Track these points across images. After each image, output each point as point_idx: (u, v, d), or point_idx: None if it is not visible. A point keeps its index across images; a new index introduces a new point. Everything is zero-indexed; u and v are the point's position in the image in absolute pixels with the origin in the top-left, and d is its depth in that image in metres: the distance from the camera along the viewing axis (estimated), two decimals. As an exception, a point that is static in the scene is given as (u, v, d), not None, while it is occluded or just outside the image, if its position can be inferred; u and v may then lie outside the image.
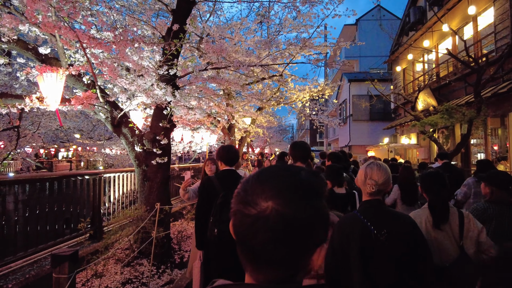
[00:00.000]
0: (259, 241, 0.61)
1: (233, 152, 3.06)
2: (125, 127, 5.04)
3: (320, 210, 0.64)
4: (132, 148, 4.99)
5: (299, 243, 0.61)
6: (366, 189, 1.89)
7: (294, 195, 0.62)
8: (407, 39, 13.74)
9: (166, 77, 4.74)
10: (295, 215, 0.60)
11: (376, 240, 1.75)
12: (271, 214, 0.60)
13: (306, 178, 0.66)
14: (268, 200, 0.61)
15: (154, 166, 4.92)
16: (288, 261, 0.62)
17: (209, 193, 2.85)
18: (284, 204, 0.60)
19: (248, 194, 0.65)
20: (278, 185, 0.63)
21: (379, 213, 1.86)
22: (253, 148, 26.69)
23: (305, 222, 0.61)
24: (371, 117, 20.87)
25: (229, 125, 11.29)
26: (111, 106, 4.91)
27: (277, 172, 0.67)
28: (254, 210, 0.61)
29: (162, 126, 4.90)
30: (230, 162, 3.02)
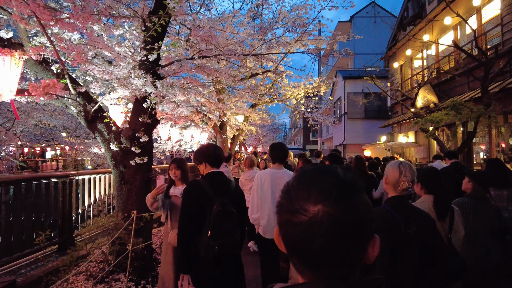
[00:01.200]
0: (317, 246, 0.62)
1: (219, 151, 2.55)
2: (100, 122, 4.44)
3: (365, 204, 0.65)
4: (108, 147, 4.39)
5: (355, 240, 0.62)
6: (401, 186, 2.04)
7: (340, 195, 0.63)
8: (405, 34, 13.30)
9: (146, 64, 4.15)
10: (346, 214, 0.61)
11: (405, 233, 1.89)
12: (323, 217, 0.61)
13: (345, 176, 0.67)
14: (317, 204, 0.62)
15: (133, 167, 4.32)
16: (348, 258, 0.63)
17: (199, 200, 2.34)
18: (334, 205, 0.61)
19: (293, 202, 0.65)
20: (323, 187, 0.64)
21: (406, 207, 2.01)
22: (246, 147, 26.13)
23: (356, 219, 0.62)
24: (366, 115, 20.45)
25: (221, 122, 10.74)
26: (84, 99, 4.30)
27: (317, 175, 0.68)
28: (305, 216, 0.62)
29: (142, 122, 4.30)
30: (217, 163, 2.51)
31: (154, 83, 3.99)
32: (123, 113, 4.81)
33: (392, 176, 2.09)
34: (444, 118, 6.98)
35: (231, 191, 2.49)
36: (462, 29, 9.96)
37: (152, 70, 4.05)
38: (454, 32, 10.29)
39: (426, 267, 1.92)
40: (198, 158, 2.52)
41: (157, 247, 5.04)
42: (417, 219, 1.96)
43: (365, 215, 0.64)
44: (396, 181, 2.07)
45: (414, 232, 1.91)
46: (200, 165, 2.53)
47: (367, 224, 0.64)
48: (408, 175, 2.06)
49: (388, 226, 1.93)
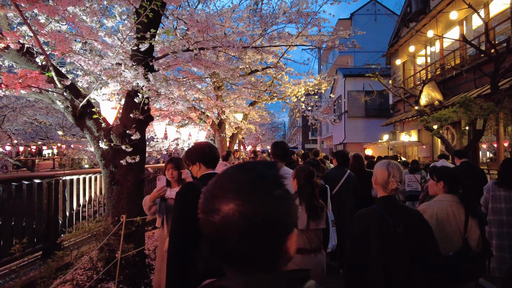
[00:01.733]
0: (232, 244, 0.62)
1: (214, 150, 2.24)
2: (89, 119, 4.12)
3: (281, 200, 0.65)
4: (98, 145, 4.07)
5: (269, 237, 0.63)
6: (390, 186, 2.09)
7: (251, 192, 0.63)
8: (408, 30, 12.99)
9: (138, 56, 3.83)
10: (256, 211, 0.61)
11: (394, 232, 1.97)
12: (234, 216, 0.61)
13: (261, 172, 0.67)
14: (229, 204, 0.62)
15: (124, 167, 4.01)
16: (264, 255, 0.63)
17: (196, 205, 1.94)
18: (244, 204, 0.61)
19: (209, 202, 0.65)
20: (235, 186, 0.64)
21: (395, 207, 2.07)
22: (245, 146, 25.82)
23: (268, 216, 0.62)
24: (367, 113, 20.16)
25: (219, 120, 10.44)
26: (71, 93, 3.98)
27: (234, 173, 0.68)
28: (218, 216, 0.62)
29: (133, 118, 3.99)
30: (212, 163, 2.20)
31: (146, 76, 3.67)
32: (114, 109, 4.49)
33: (381, 177, 2.14)
34: (452, 116, 6.68)
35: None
36: (468, 25, 9.66)
37: (144, 62, 3.74)
38: (460, 28, 9.99)
39: (417, 263, 1.98)
40: (191, 158, 2.19)
41: (150, 252, 4.73)
42: (405, 217, 2.05)
43: (280, 210, 0.64)
44: (385, 181, 2.13)
45: (403, 231, 1.99)
46: (193, 166, 2.20)
47: (282, 220, 0.64)
48: (396, 175, 2.11)
49: (378, 225, 2.02)
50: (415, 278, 1.96)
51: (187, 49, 4.38)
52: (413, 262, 1.97)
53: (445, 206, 2.42)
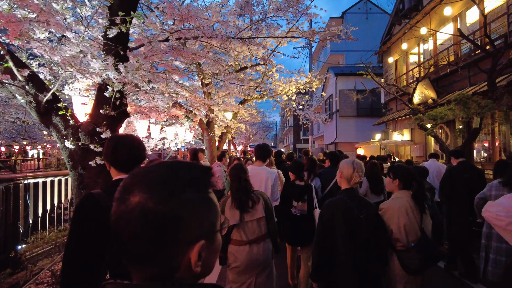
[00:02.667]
0: (124, 237, 0.60)
1: (129, 148, 1.79)
2: (55, 115, 3.69)
3: (190, 204, 0.62)
4: (65, 144, 3.65)
5: (164, 239, 0.59)
6: (353, 180, 2.50)
7: (161, 189, 0.60)
8: (400, 28, 12.76)
9: (109, 45, 3.42)
10: (156, 209, 0.59)
11: (357, 218, 2.34)
12: (134, 208, 0.59)
13: (182, 172, 0.64)
14: (136, 195, 0.60)
15: (94, 168, 3.59)
16: (157, 258, 0.60)
17: (93, 225, 1.55)
18: (148, 198, 0.59)
19: (124, 190, 0.63)
20: (148, 179, 0.62)
21: (357, 198, 2.47)
22: (235, 145, 25.42)
23: (168, 217, 0.59)
24: (359, 112, 19.95)
25: (208, 119, 10.05)
26: (34, 87, 3.55)
27: (156, 168, 0.65)
28: (125, 206, 0.60)
29: (104, 114, 3.58)
30: (126, 166, 1.77)
31: (116, 67, 3.27)
32: (85, 105, 4.06)
33: (346, 172, 2.53)
34: (448, 114, 6.40)
35: None
36: (462, 21, 9.44)
37: (114, 51, 3.33)
38: (454, 24, 9.76)
39: (373, 243, 2.36)
40: (108, 157, 1.77)
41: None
42: (366, 207, 2.43)
43: (185, 215, 0.61)
44: (350, 176, 2.51)
45: (365, 217, 2.36)
46: (112, 169, 1.78)
47: (185, 225, 0.61)
48: (359, 171, 2.51)
49: (345, 212, 2.37)
50: (369, 255, 2.34)
51: (166, 39, 4.00)
52: (369, 244, 2.35)
53: (403, 202, 2.63)
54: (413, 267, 2.48)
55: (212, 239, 0.66)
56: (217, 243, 0.69)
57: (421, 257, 2.48)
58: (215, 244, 0.68)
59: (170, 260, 0.61)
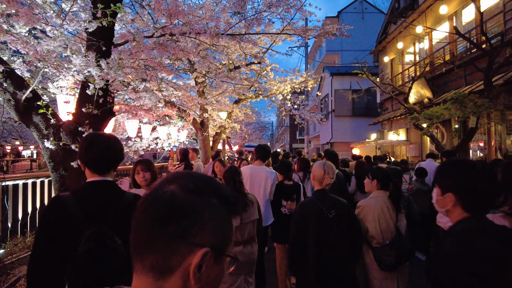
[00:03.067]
0: (145, 215, 0.64)
1: (106, 146, 1.65)
2: (36, 114, 3.52)
3: (213, 209, 0.65)
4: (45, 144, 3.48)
5: (177, 227, 0.61)
6: (325, 181, 2.66)
7: (195, 185, 0.65)
8: (396, 27, 12.68)
9: (92, 41, 3.26)
10: (184, 197, 0.63)
11: (326, 217, 2.51)
12: (166, 192, 0.64)
13: (218, 187, 0.69)
14: (172, 185, 0.65)
15: (76, 170, 3.42)
16: (161, 247, 0.61)
17: (59, 230, 1.46)
18: (181, 189, 0.64)
19: (163, 182, 0.68)
20: (188, 178, 0.67)
21: (328, 198, 2.62)
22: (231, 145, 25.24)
23: (190, 207, 0.62)
24: (354, 112, 19.87)
25: (202, 119, 9.88)
26: (13, 84, 3.38)
27: (195, 173, 0.70)
28: (158, 190, 0.65)
29: (87, 113, 3.42)
30: (99, 167, 1.64)
31: (98, 63, 3.11)
32: (68, 103, 3.89)
33: (318, 174, 2.67)
34: (445, 113, 6.30)
35: (119, 212, 1.58)
36: (458, 20, 9.36)
37: (96, 46, 3.16)
38: (450, 23, 9.67)
39: (345, 241, 2.53)
40: (82, 158, 1.66)
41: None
42: (336, 207, 2.56)
43: (203, 215, 0.63)
44: (321, 177, 2.66)
45: (333, 216, 2.51)
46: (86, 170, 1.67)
47: (199, 223, 0.62)
48: (330, 173, 2.66)
49: (314, 212, 2.54)
50: (340, 252, 2.50)
51: (152, 34, 3.84)
52: (341, 242, 2.51)
53: (380, 201, 2.77)
54: (387, 263, 2.62)
55: (219, 259, 0.64)
56: (222, 268, 0.66)
57: (395, 254, 2.62)
58: (219, 266, 0.65)
59: (171, 255, 0.60)
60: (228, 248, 0.67)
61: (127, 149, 10.33)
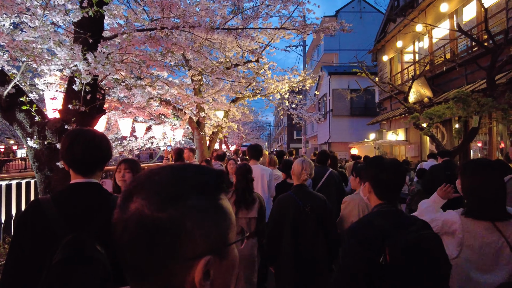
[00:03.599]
0: (122, 247, 0.54)
1: (91, 145, 1.49)
2: (20, 111, 3.32)
3: (195, 213, 0.53)
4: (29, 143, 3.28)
5: (162, 252, 0.51)
6: (303, 177, 2.82)
7: (160, 193, 0.53)
8: (395, 25, 12.53)
9: (79, 33, 3.06)
10: (153, 216, 0.51)
11: (303, 211, 2.66)
12: (131, 216, 0.52)
13: (190, 175, 0.56)
14: (135, 202, 0.53)
15: (61, 170, 3.22)
16: (156, 274, 0.52)
17: (36, 238, 1.33)
18: (146, 204, 0.52)
19: (123, 198, 0.55)
20: (148, 183, 0.54)
21: (305, 193, 2.79)
22: (228, 145, 25.04)
23: (166, 225, 0.51)
24: (353, 112, 19.72)
25: (198, 118, 9.69)
26: (-5, 79, 3.19)
27: (159, 170, 0.57)
28: (122, 213, 0.54)
29: (73, 110, 3.22)
30: (85, 168, 1.49)
31: (85, 56, 2.91)
32: (54, 99, 3.69)
33: (297, 170, 2.82)
34: (447, 112, 6.15)
35: (103, 217, 1.41)
36: (459, 18, 9.22)
37: (82, 39, 2.96)
38: (450, 21, 9.53)
39: (320, 234, 2.67)
40: (64, 157, 1.51)
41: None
42: (312, 200, 2.70)
43: (188, 224, 0.52)
44: (299, 173, 2.81)
45: (310, 210, 2.64)
46: (71, 171, 1.51)
47: (187, 237, 0.52)
48: (307, 169, 2.81)
49: (291, 206, 2.70)
50: (315, 244, 2.63)
51: (142, 28, 3.65)
52: (318, 235, 2.65)
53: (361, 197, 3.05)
54: None
55: (224, 253, 0.56)
56: (232, 258, 0.59)
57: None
58: (228, 259, 0.57)
59: (171, 277, 0.52)
60: (230, 237, 0.58)
61: (121, 148, 10.12)
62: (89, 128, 1.64)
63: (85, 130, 1.60)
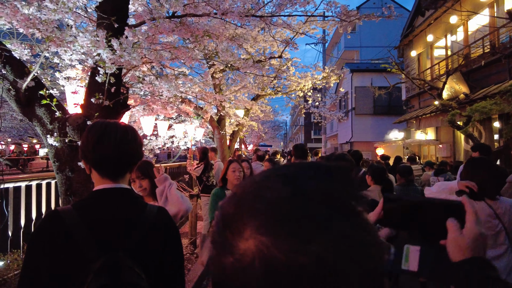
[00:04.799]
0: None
1: (124, 140, 1.19)
2: (40, 106, 3.05)
3: (346, 242, 0.35)
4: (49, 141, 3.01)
5: None
6: None
7: (290, 223, 0.35)
8: (424, 19, 11.88)
9: (103, 19, 2.75)
10: (290, 259, 0.33)
11: None
12: (252, 262, 0.34)
13: (317, 184, 0.38)
14: (249, 239, 0.35)
15: (84, 171, 2.93)
16: None
17: (56, 258, 1.04)
18: (273, 244, 0.34)
19: (223, 230, 0.38)
20: (262, 205, 0.36)
21: None
22: (246, 145, 24.76)
23: (312, 269, 0.33)
24: (376, 110, 19.03)
25: (219, 117, 9.43)
26: (13, 71, 2.93)
27: (265, 183, 0.39)
28: (232, 257, 0.36)
29: (96, 105, 2.92)
30: (114, 168, 1.20)
31: (109, 43, 2.60)
32: (75, 93, 3.41)
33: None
34: (495, 108, 5.59)
35: (140, 232, 1.14)
36: (500, 7, 8.55)
37: (106, 24, 2.66)
38: (490, 11, 8.87)
39: None
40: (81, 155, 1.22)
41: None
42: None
43: (336, 266, 0.34)
44: None
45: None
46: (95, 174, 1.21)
47: (340, 278, 0.34)
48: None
49: None
50: None
51: (173, 14, 3.32)
52: None
53: (374, 194, 3.08)
54: None
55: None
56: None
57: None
58: None
59: None
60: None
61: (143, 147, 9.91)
62: (115, 121, 1.31)
63: (114, 122, 1.27)
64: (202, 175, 5.62)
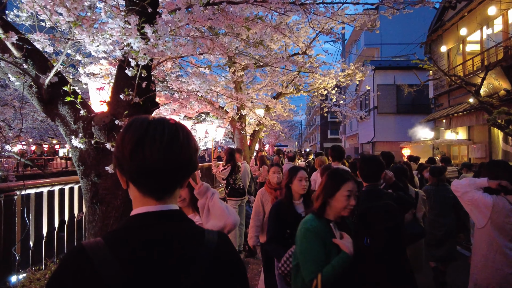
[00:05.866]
0: None
1: (175, 144, 0.83)
2: (63, 104, 2.76)
3: None
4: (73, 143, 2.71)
5: None
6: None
7: None
8: (455, 12, 11.24)
9: (134, 5, 2.43)
10: None
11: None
12: None
13: None
14: None
15: (112, 176, 2.62)
16: None
17: None
18: None
19: None
20: None
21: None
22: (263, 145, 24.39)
23: None
24: (399, 109, 18.33)
25: (239, 116, 9.13)
26: (36, 66, 2.64)
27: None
28: None
29: (125, 102, 2.60)
30: (160, 182, 0.85)
31: (141, 30, 2.26)
32: (101, 90, 3.10)
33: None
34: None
35: (199, 271, 0.82)
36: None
37: (138, 9, 2.33)
38: (534, 1, 8.23)
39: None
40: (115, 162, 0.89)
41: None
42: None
43: None
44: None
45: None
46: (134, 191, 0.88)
47: None
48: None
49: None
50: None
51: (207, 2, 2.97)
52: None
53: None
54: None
55: None
56: None
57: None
58: None
59: None
60: None
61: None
62: (161, 117, 0.94)
63: (160, 119, 0.90)
64: (229, 178, 5.29)
